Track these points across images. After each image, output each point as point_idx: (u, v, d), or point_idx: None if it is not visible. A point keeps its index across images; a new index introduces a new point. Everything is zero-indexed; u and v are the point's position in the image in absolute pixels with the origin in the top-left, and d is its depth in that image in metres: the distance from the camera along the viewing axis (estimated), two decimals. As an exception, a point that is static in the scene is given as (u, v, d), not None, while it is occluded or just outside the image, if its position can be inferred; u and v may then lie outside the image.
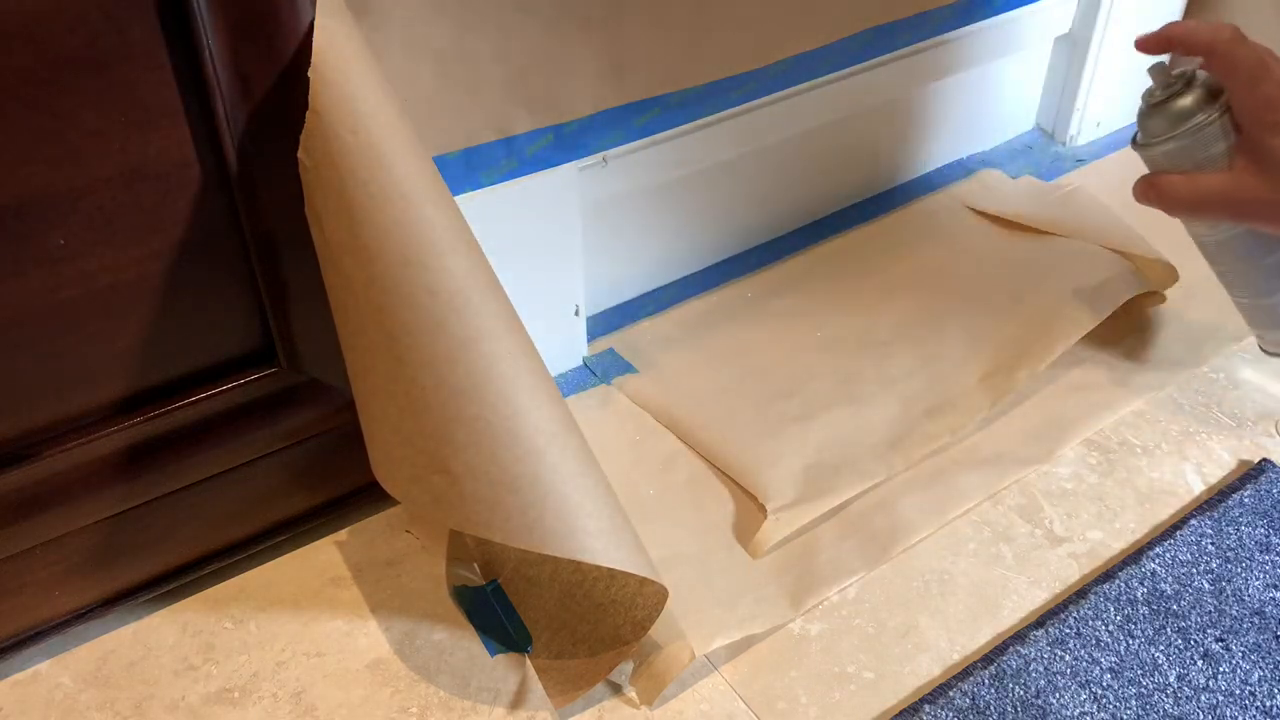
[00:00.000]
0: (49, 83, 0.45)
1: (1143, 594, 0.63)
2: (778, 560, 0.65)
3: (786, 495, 0.67)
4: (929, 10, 0.81)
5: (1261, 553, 0.65)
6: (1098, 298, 0.79)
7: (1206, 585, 0.63)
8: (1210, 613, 0.62)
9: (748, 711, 0.58)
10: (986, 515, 0.68)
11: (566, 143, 0.67)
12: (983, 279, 0.84)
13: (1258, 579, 0.64)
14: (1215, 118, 0.60)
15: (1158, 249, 0.83)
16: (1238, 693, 0.58)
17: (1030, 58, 0.98)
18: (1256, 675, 0.59)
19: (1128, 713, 0.57)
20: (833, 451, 0.71)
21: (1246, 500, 0.68)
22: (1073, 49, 0.97)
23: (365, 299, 0.51)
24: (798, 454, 0.70)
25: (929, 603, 0.63)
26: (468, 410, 0.51)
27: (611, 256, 0.80)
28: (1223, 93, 0.61)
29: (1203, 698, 0.58)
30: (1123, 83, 1.00)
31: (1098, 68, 0.97)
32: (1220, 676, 0.59)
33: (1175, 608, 0.62)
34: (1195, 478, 0.70)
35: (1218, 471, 0.71)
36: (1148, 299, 0.82)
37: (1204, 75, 0.62)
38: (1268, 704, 0.57)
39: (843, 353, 0.79)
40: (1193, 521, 0.66)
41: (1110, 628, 0.61)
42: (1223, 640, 0.60)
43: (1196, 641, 0.60)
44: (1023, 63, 0.98)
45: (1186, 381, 0.77)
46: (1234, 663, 0.59)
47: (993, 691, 0.58)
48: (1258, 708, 0.57)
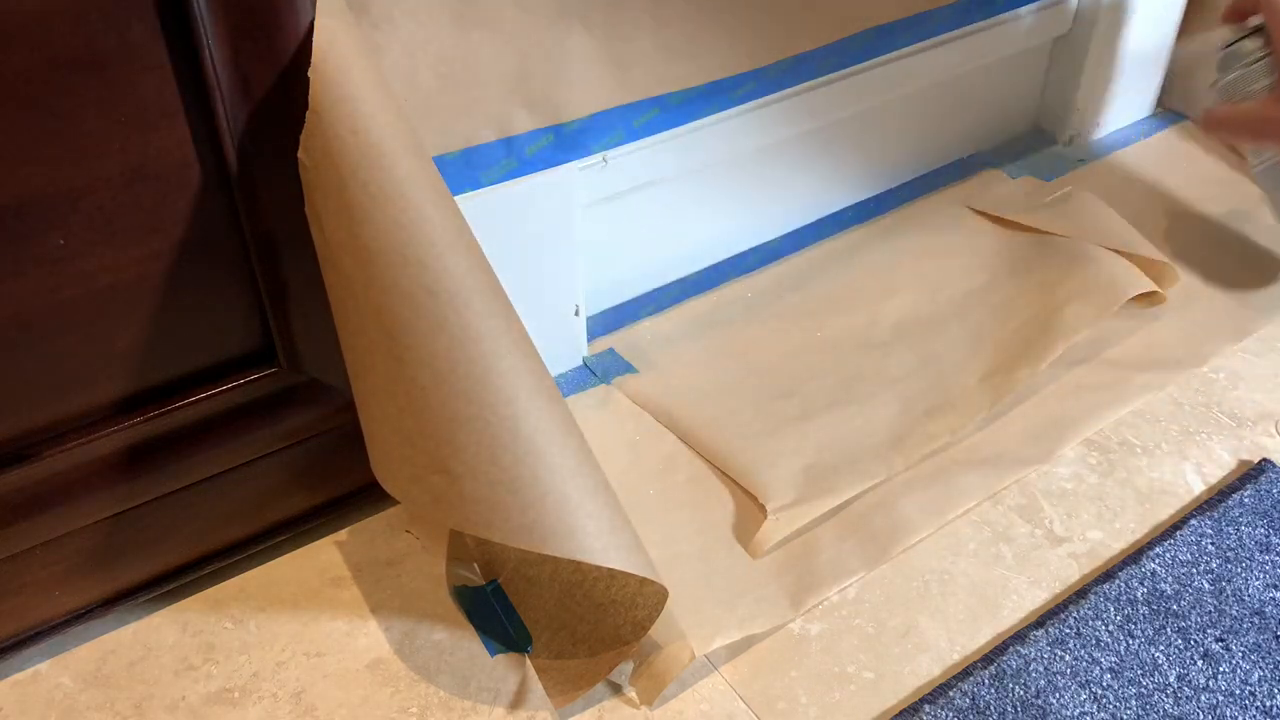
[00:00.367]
0: (49, 83, 0.45)
1: (1143, 594, 0.63)
2: (778, 560, 0.65)
3: (786, 495, 0.67)
4: (929, 10, 0.81)
5: (1261, 553, 0.65)
6: (1098, 298, 0.79)
7: (1206, 585, 0.63)
8: (1210, 613, 0.62)
9: (748, 711, 0.58)
10: (986, 515, 0.68)
11: (566, 143, 0.67)
12: (983, 279, 0.84)
13: (1258, 579, 0.64)
14: (1260, 58, 0.74)
15: (1157, 249, 0.83)
16: (1238, 693, 0.58)
17: (1030, 58, 0.98)
18: (1256, 675, 0.59)
19: (1128, 713, 0.57)
20: (833, 451, 0.71)
21: (1246, 500, 0.68)
22: (1073, 49, 0.97)
23: (365, 299, 0.51)
24: (798, 454, 0.70)
25: (929, 603, 0.63)
26: (467, 410, 0.51)
27: (611, 256, 0.80)
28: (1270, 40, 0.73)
29: (1203, 698, 0.58)
30: (1122, 82, 1.00)
31: (1098, 68, 0.97)
32: (1220, 676, 0.59)
33: (1175, 608, 0.62)
34: (1195, 478, 0.70)
35: (1218, 471, 0.71)
36: (1148, 299, 0.82)
37: (1261, 25, 0.75)
38: (1268, 704, 0.57)
39: (843, 353, 0.79)
40: (1193, 521, 0.66)
41: (1110, 628, 0.61)
42: (1223, 640, 0.60)
43: (1196, 641, 0.60)
44: (1023, 63, 0.98)
45: (1186, 381, 0.77)
46: (1234, 663, 0.59)
47: (993, 691, 0.58)
48: (1258, 708, 0.57)
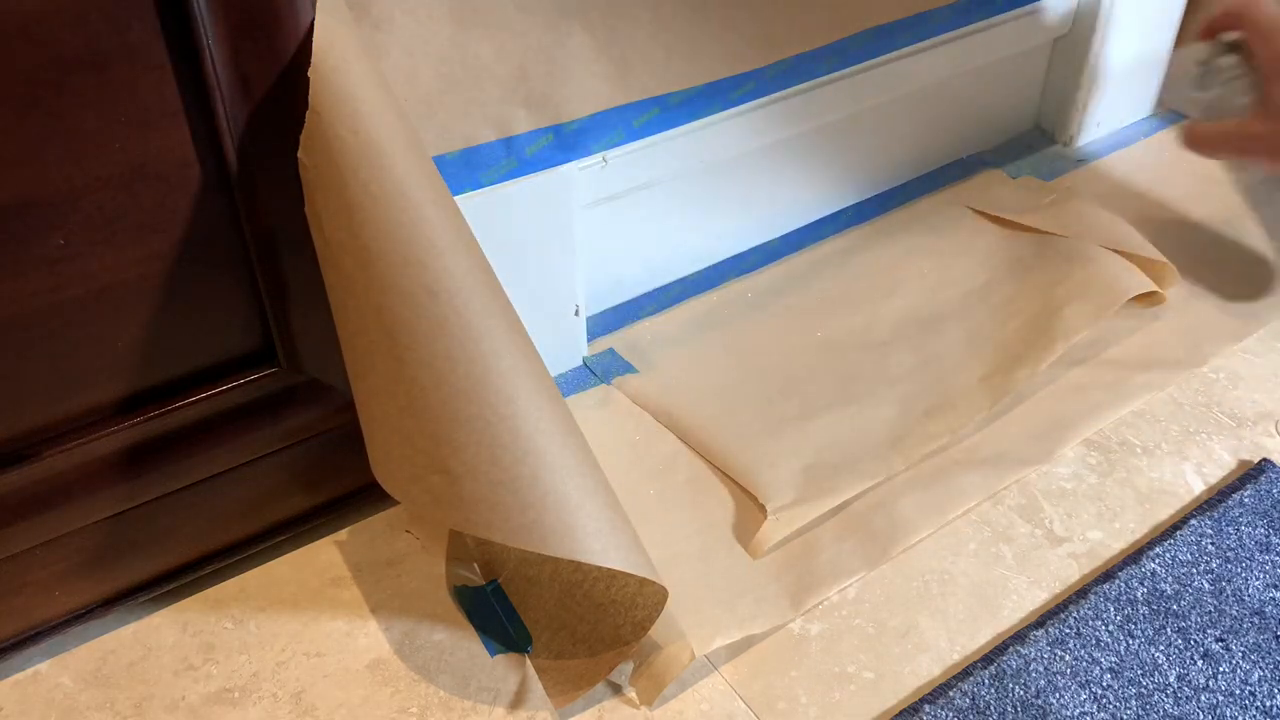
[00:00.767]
0: (49, 83, 0.45)
1: (1143, 594, 0.63)
2: (778, 560, 0.65)
3: (786, 495, 0.67)
4: (929, 10, 0.81)
5: (1261, 553, 0.65)
6: (1098, 298, 0.79)
7: (1206, 585, 0.63)
8: (1210, 613, 0.62)
9: (748, 711, 0.58)
10: (986, 515, 0.68)
11: (566, 143, 0.67)
12: (983, 279, 0.84)
13: (1258, 579, 0.64)
14: (1240, 74, 0.72)
15: (1157, 249, 0.83)
16: (1238, 693, 0.58)
17: (1030, 58, 0.98)
18: (1256, 675, 0.59)
19: (1128, 713, 0.57)
20: (833, 451, 0.71)
21: (1246, 500, 0.68)
22: (1073, 49, 0.97)
23: (365, 299, 0.51)
24: (797, 454, 0.70)
25: (929, 603, 0.63)
26: (467, 410, 0.51)
27: (611, 256, 0.80)
28: (1251, 54, 0.71)
29: (1203, 698, 0.58)
30: (1123, 83, 1.00)
31: (1098, 68, 0.97)
32: (1220, 676, 0.59)
33: (1175, 608, 0.62)
34: (1195, 478, 0.70)
35: (1218, 471, 0.71)
36: (1148, 299, 0.82)
37: (1239, 41, 0.73)
38: (1268, 704, 0.57)
39: (843, 353, 0.79)
40: (1193, 521, 0.66)
41: (1110, 628, 0.61)
42: (1223, 640, 0.60)
43: (1196, 641, 0.60)
44: (1023, 63, 0.98)
45: (1186, 381, 0.77)
46: (1234, 663, 0.59)
47: (993, 691, 0.58)
48: (1258, 708, 0.57)
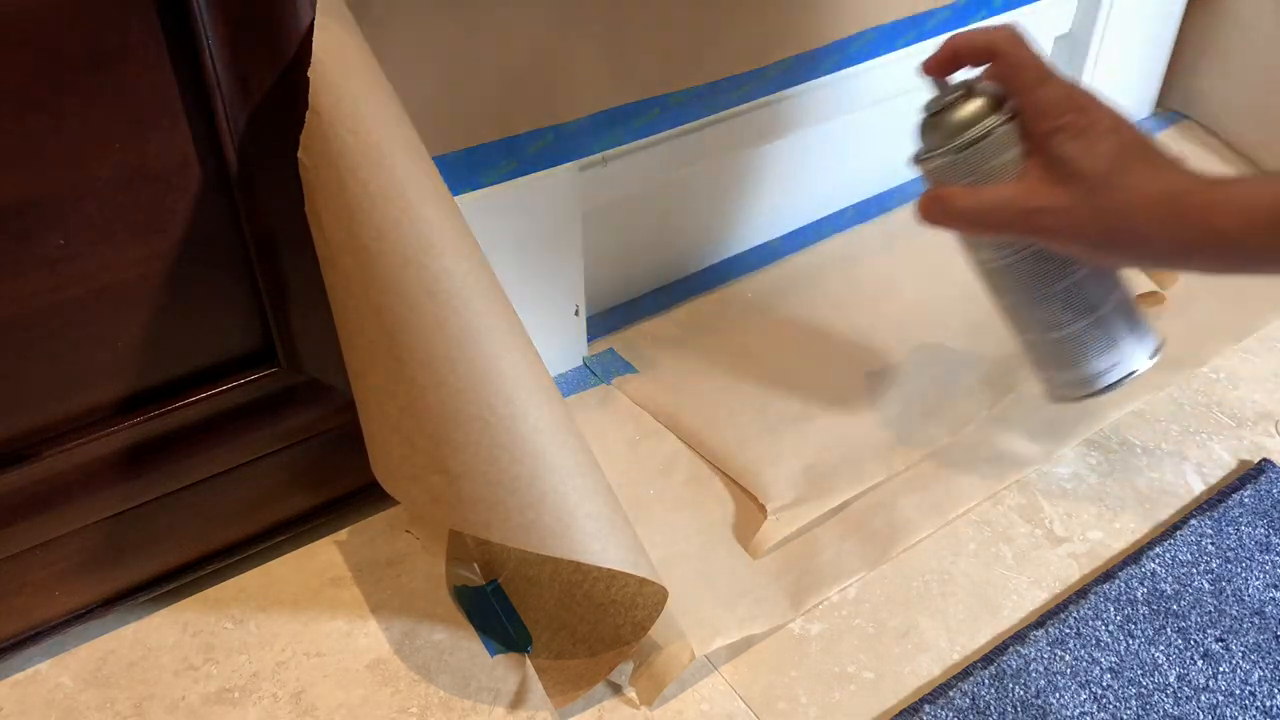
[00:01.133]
0: (49, 83, 0.45)
1: (1143, 594, 0.63)
2: (778, 560, 0.65)
3: (786, 495, 0.67)
4: (929, 10, 0.81)
5: (1261, 553, 0.65)
6: (1098, 298, 0.79)
7: (1206, 585, 0.63)
8: (1210, 613, 0.62)
9: (748, 711, 0.58)
10: (986, 515, 0.68)
11: (566, 143, 0.67)
12: (983, 279, 0.84)
13: (1258, 579, 0.64)
14: (999, 124, 0.55)
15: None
16: (1238, 693, 0.58)
17: (1030, 58, 0.98)
18: (1256, 675, 0.59)
19: (1128, 713, 0.57)
20: (833, 451, 0.71)
21: (1246, 500, 0.68)
22: (1073, 49, 0.97)
23: (364, 299, 0.51)
24: (797, 454, 0.70)
25: (929, 603, 0.63)
26: (467, 410, 0.51)
27: (611, 256, 0.80)
28: (1006, 99, 0.56)
29: (1203, 698, 0.58)
30: (1123, 83, 1.00)
31: (1098, 68, 0.96)
32: (1220, 676, 0.59)
33: (1175, 608, 0.62)
34: (1195, 478, 0.70)
35: (1218, 471, 0.71)
36: (1148, 299, 0.82)
37: (986, 84, 0.57)
38: (1268, 704, 0.57)
39: (843, 353, 0.79)
40: (1193, 521, 0.66)
41: (1110, 628, 0.61)
42: (1223, 640, 0.60)
43: (1196, 641, 0.60)
44: (1023, 63, 0.98)
45: (1186, 381, 0.77)
46: (1234, 663, 0.59)
47: (993, 691, 0.58)
48: (1258, 708, 0.57)
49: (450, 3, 0.58)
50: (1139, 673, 0.59)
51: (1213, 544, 0.65)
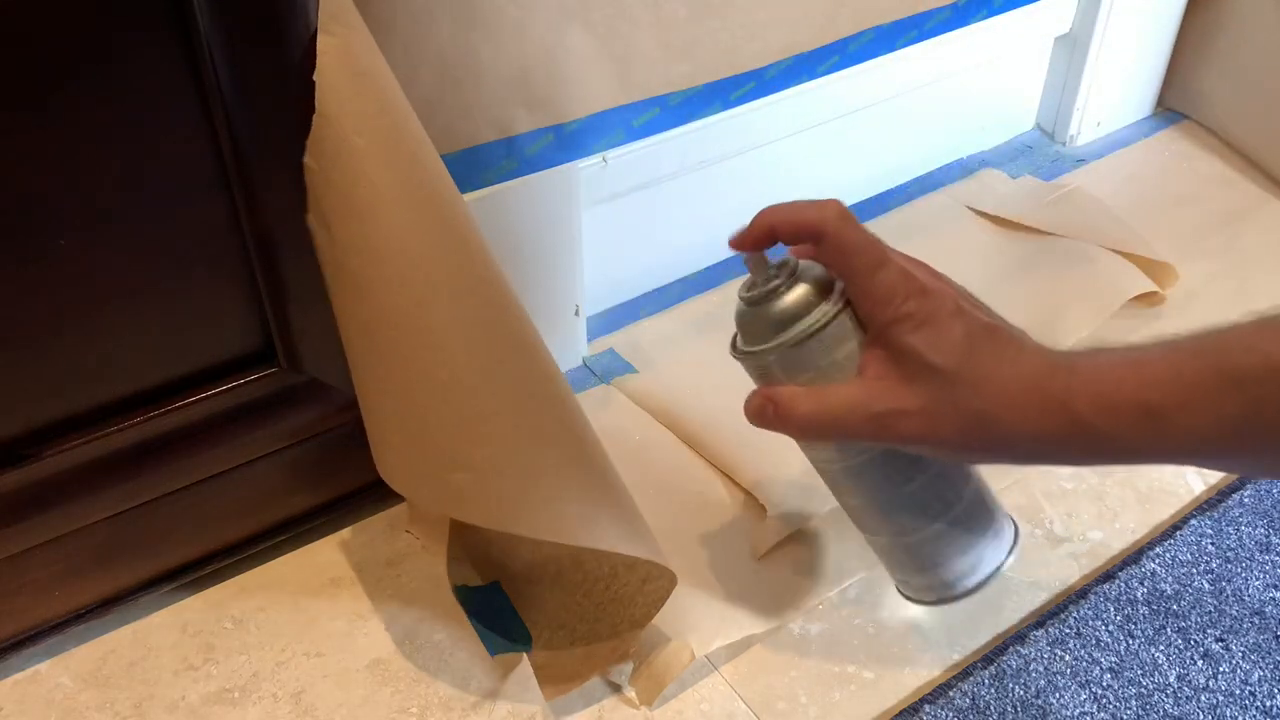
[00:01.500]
0: (49, 82, 0.45)
1: (1143, 594, 0.63)
2: (778, 560, 0.65)
3: (787, 495, 0.67)
4: (929, 10, 0.81)
5: (1261, 553, 0.65)
6: (1098, 298, 0.79)
7: (1206, 585, 0.63)
8: (1210, 613, 0.62)
9: (748, 711, 0.58)
10: (986, 515, 0.68)
11: (566, 143, 0.67)
12: (983, 279, 0.84)
13: (1258, 579, 0.64)
14: (833, 313, 0.49)
15: (1158, 249, 0.83)
16: (1238, 693, 0.58)
17: (1030, 58, 0.98)
18: (1256, 675, 0.59)
19: (1128, 713, 0.57)
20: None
21: (1246, 500, 0.68)
22: (1073, 49, 0.97)
23: (375, 299, 0.51)
24: (798, 454, 0.70)
25: (929, 603, 0.63)
26: (487, 406, 0.51)
27: (611, 256, 0.80)
28: (836, 283, 0.50)
29: (1203, 698, 0.58)
30: (1123, 83, 1.00)
31: (1098, 68, 0.97)
32: (1220, 676, 0.59)
33: (1175, 608, 0.62)
34: (1195, 478, 0.70)
35: (1218, 471, 0.71)
36: (1148, 299, 0.82)
37: (810, 264, 0.50)
38: (1268, 704, 0.57)
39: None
40: (1193, 521, 0.66)
41: (1110, 628, 0.61)
42: (1223, 640, 0.60)
43: (1196, 641, 0.60)
44: (1023, 63, 0.98)
45: (1186, 381, 0.77)
46: (1234, 663, 0.59)
47: (993, 691, 0.58)
48: (1258, 708, 0.57)
49: (450, 3, 0.58)
50: (1139, 673, 0.59)
51: (1213, 544, 0.65)
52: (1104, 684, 0.58)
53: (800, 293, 0.49)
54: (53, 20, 0.44)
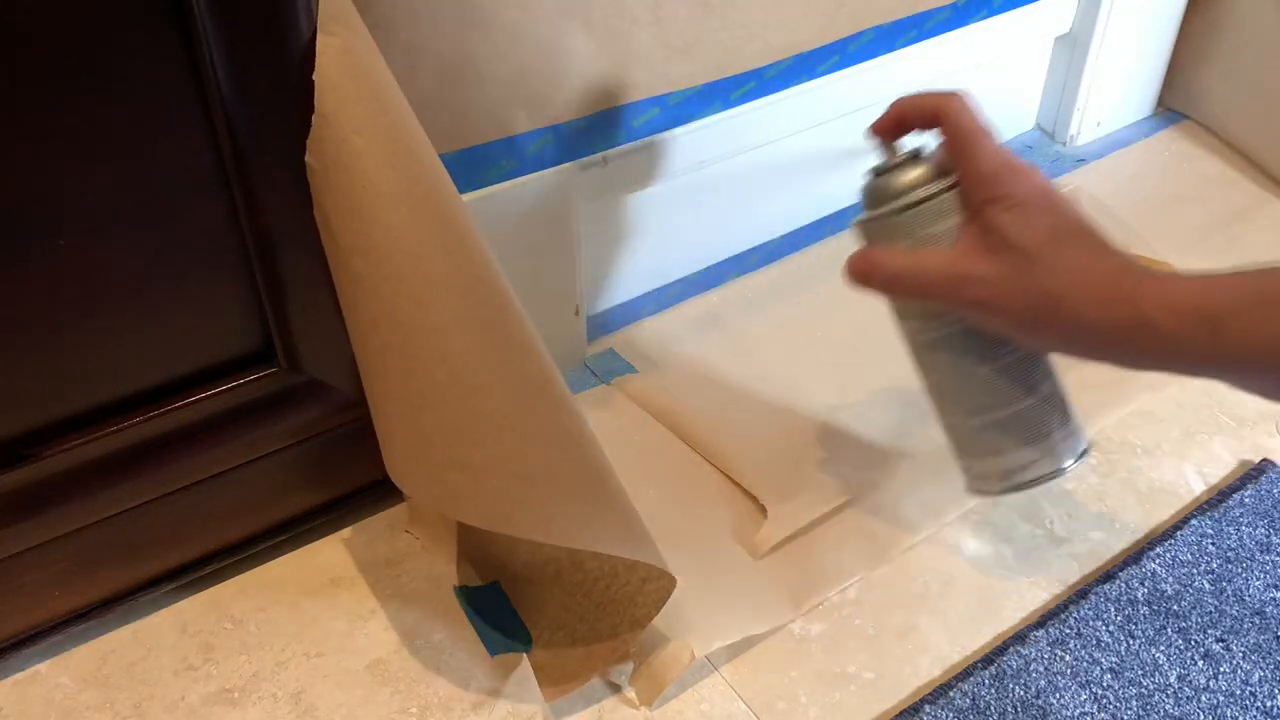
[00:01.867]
0: (49, 83, 0.45)
1: (1143, 594, 0.63)
2: (778, 560, 0.65)
3: (787, 495, 0.67)
4: (929, 10, 0.81)
5: (1262, 553, 0.65)
6: (1098, 298, 0.79)
7: (1207, 585, 0.63)
8: (1211, 613, 0.62)
9: (748, 711, 0.58)
10: (987, 515, 0.68)
11: (566, 143, 0.67)
12: (983, 279, 0.84)
13: (1258, 579, 0.64)
14: (941, 190, 0.54)
15: (1158, 249, 0.83)
16: (1238, 693, 0.58)
17: (1030, 58, 0.98)
18: (1257, 675, 0.59)
19: (1128, 713, 0.57)
20: (833, 452, 0.71)
21: (1247, 500, 0.68)
22: (1073, 49, 0.97)
23: (377, 298, 0.51)
24: (798, 454, 0.70)
25: (929, 603, 0.63)
26: (485, 406, 0.51)
27: (611, 256, 0.80)
28: (952, 168, 0.54)
29: (1203, 698, 0.58)
30: (1123, 83, 1.00)
31: (1098, 68, 0.96)
32: (1221, 677, 0.59)
33: (1176, 608, 0.62)
34: (1196, 478, 0.70)
35: (1218, 471, 0.71)
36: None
37: (935, 151, 0.56)
38: (1268, 704, 0.57)
39: (843, 353, 0.79)
40: (1193, 522, 0.66)
41: (1111, 628, 0.61)
42: (1223, 640, 0.60)
43: (1197, 642, 0.60)
44: (1023, 63, 0.98)
45: (1187, 381, 0.77)
46: (1235, 663, 0.59)
47: (993, 691, 0.58)
48: (1258, 708, 0.57)
49: (450, 3, 0.58)
50: (1139, 673, 0.59)
51: (1213, 544, 0.65)
52: (1104, 684, 0.58)
53: (916, 172, 0.54)
54: (53, 20, 0.44)
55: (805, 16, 0.74)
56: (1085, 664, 0.59)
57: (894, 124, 0.55)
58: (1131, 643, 0.60)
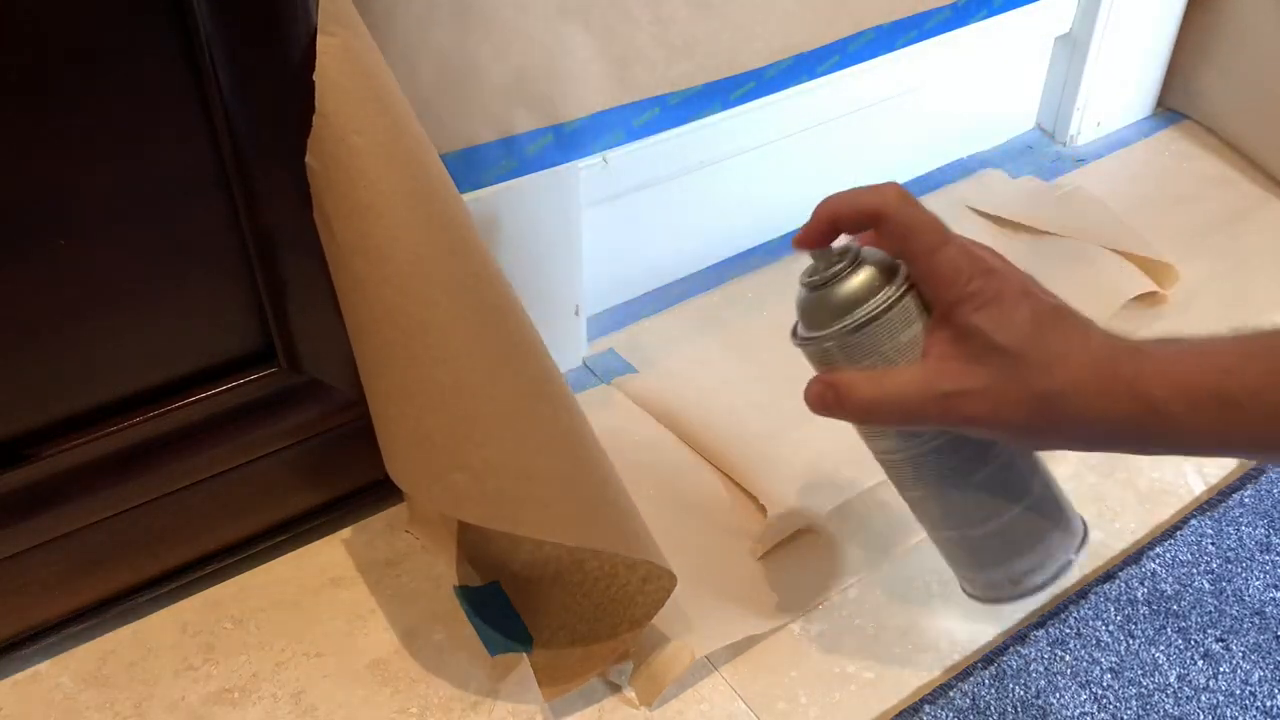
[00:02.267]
0: (49, 82, 0.45)
1: (1143, 594, 0.63)
2: (778, 560, 0.65)
3: (787, 495, 0.67)
4: (929, 10, 0.81)
5: (1261, 553, 0.65)
6: (1098, 298, 0.79)
7: (1207, 585, 0.63)
8: (1210, 613, 0.62)
9: (748, 711, 0.58)
10: (987, 515, 0.68)
11: (566, 143, 0.67)
12: (983, 279, 0.84)
13: (1258, 579, 0.64)
14: (897, 296, 0.48)
15: (1158, 249, 0.83)
16: (1238, 693, 0.58)
17: (1030, 58, 0.98)
18: (1257, 675, 0.59)
19: (1128, 713, 0.57)
20: (833, 451, 0.71)
21: (1247, 500, 0.68)
22: (1073, 49, 0.97)
23: (378, 299, 0.51)
24: (798, 454, 0.70)
25: (929, 603, 0.63)
26: (486, 405, 0.51)
27: (611, 256, 0.80)
28: (900, 267, 0.49)
29: (1203, 698, 0.58)
30: (1123, 83, 1.00)
31: (1098, 68, 0.97)
32: (1220, 677, 0.59)
33: (1175, 608, 0.62)
34: (1196, 478, 0.70)
35: (1218, 472, 0.71)
36: (1148, 299, 0.82)
37: (872, 250, 0.50)
38: (1268, 704, 0.57)
39: (843, 353, 0.79)
40: (1193, 521, 0.66)
41: (1110, 628, 0.61)
42: (1223, 640, 0.60)
43: (1197, 641, 0.60)
44: (1023, 63, 0.98)
45: (1187, 381, 0.77)
46: (1234, 663, 0.59)
47: (993, 691, 0.58)
48: (1258, 708, 0.57)
49: (450, 3, 0.58)
50: (1139, 673, 0.59)
51: (1213, 544, 0.65)
52: (1104, 684, 0.58)
53: (863, 277, 0.48)
54: (52, 20, 0.44)
55: (805, 16, 0.74)
56: (1085, 664, 0.59)
57: (825, 229, 0.49)
58: (1131, 642, 0.60)
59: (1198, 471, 0.71)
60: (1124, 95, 1.01)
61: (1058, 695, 0.58)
